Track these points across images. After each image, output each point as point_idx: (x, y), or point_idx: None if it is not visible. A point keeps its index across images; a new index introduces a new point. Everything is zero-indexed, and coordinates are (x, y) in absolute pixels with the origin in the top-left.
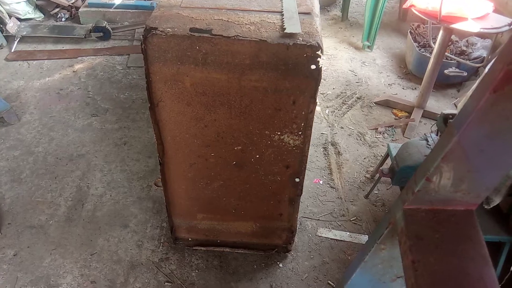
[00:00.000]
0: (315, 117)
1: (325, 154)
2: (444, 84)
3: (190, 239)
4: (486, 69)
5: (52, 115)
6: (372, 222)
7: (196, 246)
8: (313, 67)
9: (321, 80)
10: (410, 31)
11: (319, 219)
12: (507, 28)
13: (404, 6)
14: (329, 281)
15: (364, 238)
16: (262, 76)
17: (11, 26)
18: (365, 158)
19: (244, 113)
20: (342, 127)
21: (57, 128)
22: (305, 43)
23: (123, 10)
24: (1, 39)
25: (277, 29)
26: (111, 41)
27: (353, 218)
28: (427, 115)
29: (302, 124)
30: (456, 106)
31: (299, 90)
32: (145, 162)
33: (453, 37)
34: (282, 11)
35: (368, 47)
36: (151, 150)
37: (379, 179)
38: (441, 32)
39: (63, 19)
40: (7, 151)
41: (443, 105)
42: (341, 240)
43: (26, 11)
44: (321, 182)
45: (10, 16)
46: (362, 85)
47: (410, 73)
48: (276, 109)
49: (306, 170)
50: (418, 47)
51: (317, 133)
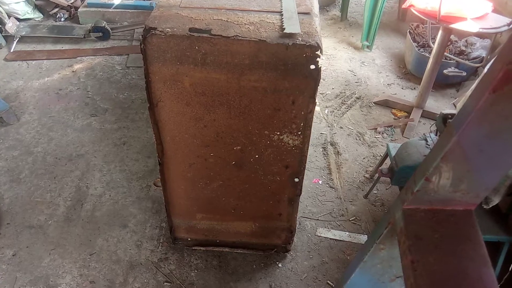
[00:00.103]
0: (314, 117)
1: (324, 154)
2: (443, 84)
3: (189, 239)
4: (486, 69)
5: (51, 115)
6: (371, 222)
7: (195, 246)
8: (312, 67)
9: (321, 80)
10: (409, 31)
11: (318, 219)
12: (506, 28)
13: (403, 6)
14: (328, 281)
15: (363, 238)
16: (262, 76)
17: (10, 26)
18: (364, 158)
19: (243, 113)
20: (341, 127)
21: (56, 128)
22: (305, 43)
23: (122, 10)
24: (0, 39)
25: (276, 29)
26: (110, 41)
27: (352, 218)
28: (426, 115)
29: (302, 124)
30: (455, 106)
31: (299, 90)
32: (145, 162)
33: (452, 37)
34: (282, 11)
35: (367, 47)
36: (150, 150)
37: (378, 179)
38: (440, 32)
39: (62, 19)
40: (6, 151)
41: (442, 105)
42: (340, 240)
43: (25, 11)
44: (320, 182)
45: (9, 16)
46: (361, 85)
47: (409, 73)
48: (275, 109)
49: (306, 170)
50: (417, 47)
51: (317, 133)
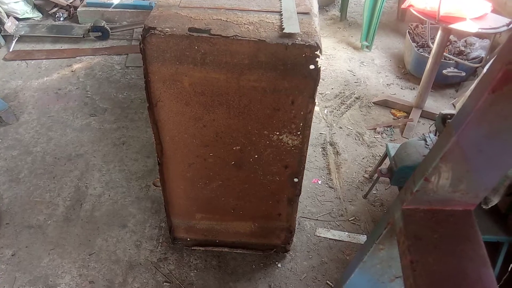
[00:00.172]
0: (313, 117)
1: (323, 154)
2: (443, 84)
3: (188, 239)
4: (485, 69)
5: (51, 115)
6: (370, 222)
7: (195, 246)
8: (311, 67)
9: (320, 80)
10: (408, 31)
11: (317, 219)
12: (505, 28)
13: (403, 6)
14: (327, 281)
15: (362, 238)
16: (261, 76)
17: (9, 25)
18: (363, 158)
19: (242, 113)
20: (340, 127)
21: (56, 128)
22: (304, 43)
23: (122, 9)
24: None
25: (276, 29)
26: (109, 41)
27: (351, 218)
28: (426, 115)
29: (301, 124)
30: (455, 106)
31: (298, 90)
32: (144, 162)
33: (451, 37)
34: (281, 11)
35: (367, 47)
36: (149, 150)
37: (377, 179)
38: (439, 32)
39: (61, 19)
40: (5, 151)
41: (442, 105)
42: (339, 240)
43: (24, 10)
44: (319, 182)
45: (8, 16)
46: (360, 85)
47: (408, 73)
48: (274, 109)
49: (305, 170)
50: (417, 47)
51: (316, 133)
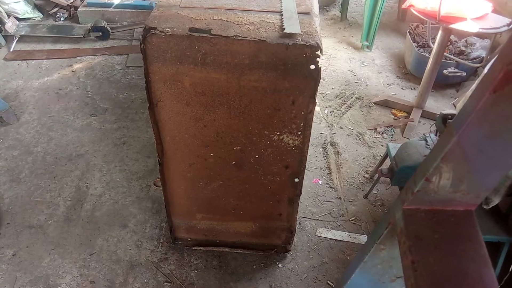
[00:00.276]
0: (314, 117)
1: (324, 154)
2: (443, 84)
3: (189, 239)
4: (486, 69)
5: (51, 115)
6: (371, 222)
7: (195, 246)
8: (312, 67)
9: (320, 80)
10: (409, 31)
11: (318, 219)
12: (506, 28)
13: (403, 6)
14: (328, 281)
15: (363, 238)
16: (262, 76)
17: (10, 25)
18: (364, 158)
19: (243, 113)
20: (341, 127)
21: (56, 128)
22: (304, 43)
23: (122, 9)
24: None
25: (276, 29)
26: (110, 41)
27: (352, 218)
28: (426, 115)
29: (302, 124)
30: (455, 106)
31: (299, 90)
32: (144, 162)
33: (452, 37)
34: (282, 11)
35: (367, 47)
36: (150, 150)
37: (378, 179)
38: (440, 32)
39: (62, 19)
40: (6, 151)
41: (442, 105)
42: (340, 240)
43: (25, 10)
44: (320, 182)
45: (8, 16)
46: (361, 85)
47: (409, 73)
48: (275, 109)
49: (305, 170)
50: (417, 47)
51: (316, 133)
